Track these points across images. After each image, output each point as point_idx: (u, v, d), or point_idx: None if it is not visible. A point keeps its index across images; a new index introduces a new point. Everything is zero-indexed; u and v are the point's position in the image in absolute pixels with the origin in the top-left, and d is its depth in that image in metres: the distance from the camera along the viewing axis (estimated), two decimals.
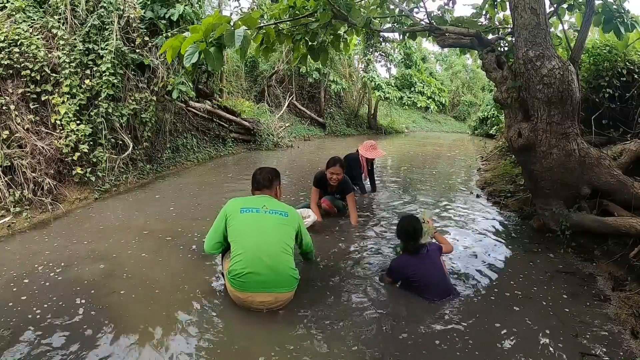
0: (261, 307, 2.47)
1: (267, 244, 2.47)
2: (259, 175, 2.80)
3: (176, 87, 6.20)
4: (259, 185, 2.77)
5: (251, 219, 2.54)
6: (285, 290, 2.49)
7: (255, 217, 2.55)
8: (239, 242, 2.48)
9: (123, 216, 4.47)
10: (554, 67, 3.40)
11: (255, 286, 2.41)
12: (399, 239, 2.89)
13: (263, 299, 2.44)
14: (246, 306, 2.49)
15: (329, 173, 4.23)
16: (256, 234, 2.48)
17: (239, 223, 2.52)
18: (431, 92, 17.85)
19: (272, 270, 2.42)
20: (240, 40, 2.97)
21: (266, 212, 2.58)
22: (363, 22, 4.03)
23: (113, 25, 5.38)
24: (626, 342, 2.32)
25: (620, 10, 4.07)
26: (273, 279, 2.42)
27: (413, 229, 2.76)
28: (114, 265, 3.16)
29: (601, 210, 3.70)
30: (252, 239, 2.47)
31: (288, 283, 2.50)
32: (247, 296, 2.44)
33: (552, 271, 3.24)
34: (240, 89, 13.47)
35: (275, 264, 2.44)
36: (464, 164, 9.45)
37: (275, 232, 2.53)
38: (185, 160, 7.65)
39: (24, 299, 2.62)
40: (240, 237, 2.48)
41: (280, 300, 2.49)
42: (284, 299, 2.52)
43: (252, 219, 2.54)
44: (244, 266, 2.40)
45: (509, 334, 2.39)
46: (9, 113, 4.44)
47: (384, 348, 2.22)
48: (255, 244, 2.45)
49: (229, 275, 2.45)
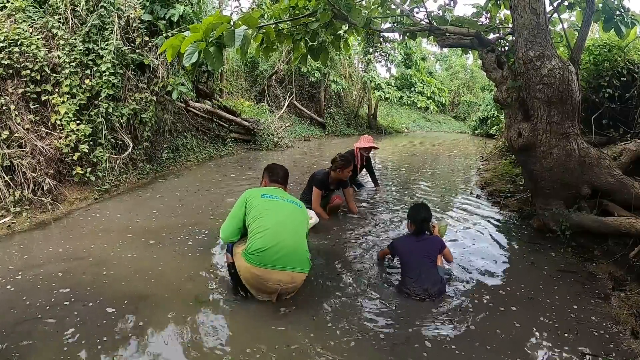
0: (275, 287, 2.52)
1: (288, 224, 2.62)
2: (280, 170, 2.98)
3: (176, 88, 6.20)
4: (278, 179, 2.94)
5: (272, 204, 2.68)
6: (301, 271, 2.59)
7: (275, 203, 2.69)
8: (261, 221, 2.57)
9: (123, 216, 4.47)
10: (554, 67, 3.40)
11: (274, 263, 2.48)
12: (411, 218, 3.04)
13: (280, 277, 2.50)
14: (261, 285, 2.54)
15: (347, 172, 4.33)
16: (277, 216, 2.61)
17: (260, 205, 2.64)
18: (431, 92, 17.85)
19: (292, 249, 2.54)
20: (241, 40, 2.97)
21: (285, 200, 2.75)
22: (363, 22, 4.02)
23: (113, 25, 5.38)
24: (626, 342, 2.32)
25: (621, 9, 4.07)
26: (292, 258, 2.53)
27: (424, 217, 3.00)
28: (114, 265, 3.16)
29: (601, 210, 3.70)
30: (274, 219, 2.59)
31: (304, 264, 2.62)
32: (264, 272, 2.48)
33: (552, 271, 3.25)
34: (240, 89, 13.47)
35: (295, 243, 2.57)
36: (464, 164, 9.45)
37: (293, 217, 2.70)
38: (185, 160, 7.65)
39: (23, 297, 2.62)
40: (262, 217, 2.58)
41: (295, 281, 2.57)
42: (299, 280, 2.61)
43: (273, 204, 2.68)
44: (265, 242, 2.48)
45: (508, 333, 2.39)
46: (9, 113, 4.44)
47: (383, 348, 2.22)
48: (277, 223, 2.57)
49: (247, 252, 2.52)
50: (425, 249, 2.87)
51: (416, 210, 3.05)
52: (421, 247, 2.88)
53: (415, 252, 2.86)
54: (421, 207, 3.11)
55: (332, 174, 4.31)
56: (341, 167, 4.27)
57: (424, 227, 3.00)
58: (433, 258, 2.86)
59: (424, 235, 2.98)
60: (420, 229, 2.98)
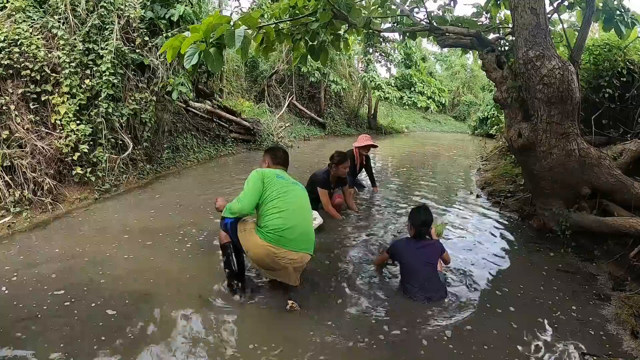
0: (286, 265, 2.59)
1: (302, 208, 2.73)
2: (282, 153, 3.03)
3: (176, 88, 6.19)
4: (282, 161, 2.99)
5: (286, 185, 2.73)
6: (309, 252, 2.70)
7: (288, 185, 2.75)
8: (279, 201, 2.62)
9: (123, 216, 4.47)
10: (554, 67, 3.40)
11: (290, 243, 2.57)
12: (411, 221, 2.97)
13: (293, 256, 2.59)
14: (273, 263, 2.58)
15: (343, 167, 4.35)
16: (294, 198, 2.69)
17: (277, 185, 2.68)
18: (431, 92, 17.82)
19: (306, 231, 2.67)
20: (241, 41, 2.97)
21: (293, 183, 2.83)
22: (363, 22, 4.02)
23: (113, 25, 5.37)
24: (626, 342, 2.32)
25: (621, 9, 4.07)
26: (304, 239, 2.64)
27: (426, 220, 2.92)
28: (114, 265, 3.16)
29: (601, 210, 3.70)
30: (291, 201, 2.66)
31: (312, 247, 2.72)
32: (280, 251, 2.56)
33: (552, 271, 3.25)
34: (240, 89, 13.46)
35: (308, 226, 2.72)
36: (464, 164, 9.44)
37: (304, 200, 2.80)
38: (185, 160, 7.64)
39: (22, 298, 2.62)
40: (280, 198, 2.63)
41: (302, 261, 2.67)
42: (305, 261, 2.70)
43: (287, 185, 2.74)
44: (285, 222, 2.56)
45: (508, 333, 2.39)
46: (9, 113, 4.44)
47: (381, 348, 2.22)
48: (293, 205, 2.65)
49: (266, 229, 2.56)
50: (427, 256, 2.79)
51: (416, 213, 2.96)
52: (423, 254, 2.79)
53: (417, 259, 2.78)
54: (422, 210, 3.01)
55: (332, 172, 4.33)
56: (337, 163, 4.30)
57: (423, 232, 2.91)
58: (435, 263, 2.81)
59: (424, 241, 2.89)
60: (420, 234, 2.90)
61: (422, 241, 2.87)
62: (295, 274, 2.66)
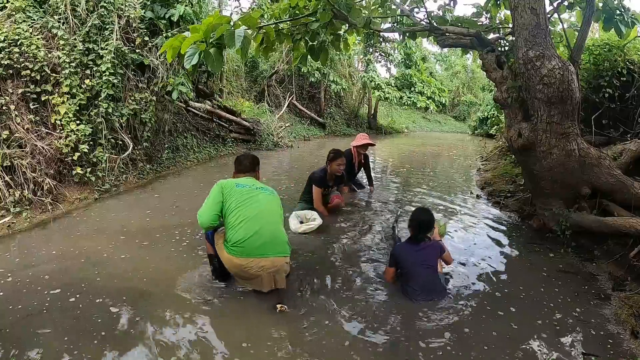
0: (259, 273, 2.61)
1: (265, 212, 2.70)
2: (244, 160, 3.01)
3: (176, 88, 6.19)
4: (245, 169, 2.98)
5: (247, 193, 2.73)
6: (281, 255, 2.69)
7: (250, 192, 2.75)
8: (238, 211, 2.64)
9: (123, 216, 4.47)
10: (554, 67, 3.40)
11: (255, 251, 2.59)
12: (410, 226, 2.93)
13: (263, 263, 2.61)
14: (245, 273, 2.63)
15: (337, 164, 4.36)
16: (254, 205, 2.69)
17: (237, 195, 2.70)
18: (431, 92, 17.81)
19: (271, 236, 2.65)
20: (241, 41, 2.97)
21: (257, 188, 2.81)
22: (363, 22, 4.02)
23: (113, 25, 5.38)
24: (626, 342, 2.32)
25: (621, 9, 4.07)
26: (271, 244, 2.64)
27: (427, 221, 2.87)
28: (112, 264, 3.16)
29: (601, 210, 3.70)
30: (251, 208, 2.66)
31: (283, 249, 2.72)
32: (247, 261, 2.59)
33: (552, 271, 3.25)
34: (240, 89, 13.45)
35: (273, 230, 2.69)
36: (464, 164, 9.44)
37: (269, 205, 2.77)
38: (185, 160, 7.65)
39: (22, 298, 2.63)
40: (239, 208, 2.65)
41: (276, 265, 2.65)
42: (279, 264, 2.68)
43: (248, 193, 2.74)
44: (245, 233, 2.58)
45: (508, 333, 2.39)
46: (9, 113, 4.44)
47: (378, 348, 2.22)
48: (254, 212, 2.65)
49: (229, 244, 2.62)
50: (426, 257, 2.76)
51: (416, 215, 2.92)
52: (421, 256, 2.76)
53: (417, 262, 2.74)
54: (422, 212, 2.97)
55: (329, 170, 4.36)
56: (331, 159, 4.33)
57: (422, 234, 2.84)
58: (434, 265, 2.79)
59: (423, 242, 2.83)
60: (417, 236, 2.85)
61: (421, 243, 2.83)
62: (270, 278, 2.65)
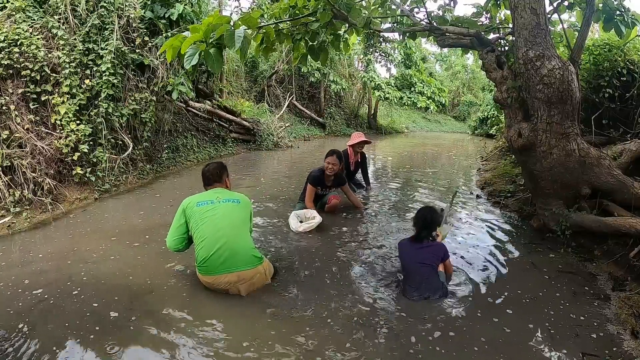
0: (228, 288, 2.65)
1: (224, 228, 2.67)
2: (207, 172, 2.98)
3: (176, 88, 6.20)
4: (209, 181, 2.96)
5: (207, 210, 2.72)
6: (246, 268, 2.66)
7: (211, 208, 2.74)
8: (199, 231, 2.67)
9: (123, 216, 4.47)
10: (554, 67, 3.40)
11: (218, 268, 2.62)
12: (414, 225, 2.93)
13: (228, 279, 2.63)
14: (215, 289, 2.69)
15: (326, 163, 4.41)
16: (213, 221, 2.68)
17: (196, 215, 2.71)
18: (431, 92, 17.81)
19: (231, 251, 2.63)
20: (241, 41, 2.97)
21: (220, 201, 2.79)
22: (363, 22, 4.02)
23: (113, 25, 5.38)
24: (626, 342, 2.32)
25: (621, 9, 4.06)
26: (235, 259, 2.63)
27: (430, 220, 2.87)
28: (111, 264, 3.16)
29: (601, 210, 3.69)
30: (210, 226, 2.67)
31: (249, 261, 2.68)
32: (213, 279, 2.65)
33: (552, 271, 3.24)
34: (240, 89, 13.45)
35: (233, 244, 2.65)
36: (464, 164, 9.44)
37: (230, 217, 2.74)
38: (185, 160, 7.65)
39: (21, 297, 2.63)
40: (200, 227, 2.68)
41: (243, 278, 2.65)
42: (247, 277, 2.67)
43: (208, 209, 2.73)
44: (206, 252, 2.62)
45: (508, 334, 2.39)
46: (9, 113, 4.44)
47: (376, 347, 2.22)
48: (213, 230, 2.65)
49: (197, 263, 2.70)
50: (424, 256, 2.76)
51: (420, 214, 2.90)
52: (421, 255, 2.76)
53: (414, 259, 2.76)
54: (426, 211, 2.94)
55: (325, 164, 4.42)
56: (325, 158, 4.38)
57: (422, 234, 2.84)
58: (434, 264, 2.77)
59: (425, 243, 2.83)
60: (419, 235, 2.84)
61: (423, 242, 2.83)
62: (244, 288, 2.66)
